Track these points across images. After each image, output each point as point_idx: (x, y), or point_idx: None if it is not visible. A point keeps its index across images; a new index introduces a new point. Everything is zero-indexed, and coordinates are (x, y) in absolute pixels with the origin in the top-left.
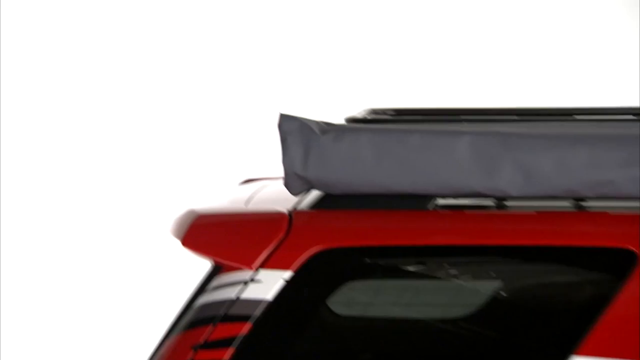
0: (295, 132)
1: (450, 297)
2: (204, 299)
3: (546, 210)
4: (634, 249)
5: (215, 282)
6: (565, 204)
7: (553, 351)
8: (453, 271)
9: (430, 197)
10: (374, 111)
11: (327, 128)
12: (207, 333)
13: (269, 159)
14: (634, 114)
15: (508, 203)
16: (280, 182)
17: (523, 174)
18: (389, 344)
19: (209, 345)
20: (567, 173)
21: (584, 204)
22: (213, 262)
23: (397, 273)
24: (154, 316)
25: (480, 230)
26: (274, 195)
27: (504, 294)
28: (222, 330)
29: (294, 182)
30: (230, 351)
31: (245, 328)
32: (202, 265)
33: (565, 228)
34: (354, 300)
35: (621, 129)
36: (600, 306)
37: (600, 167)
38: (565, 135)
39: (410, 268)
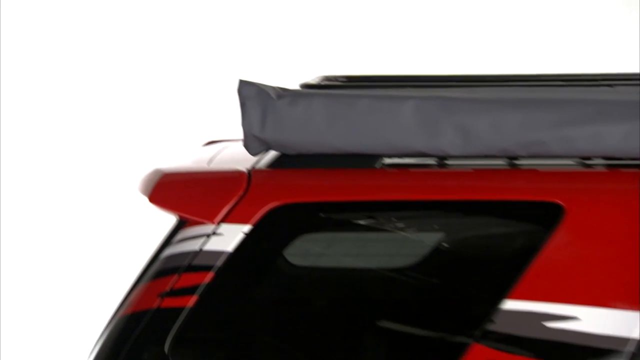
0: (253, 97)
1: (396, 248)
2: (170, 251)
3: (483, 168)
4: (561, 202)
5: (180, 235)
6: (501, 162)
7: (489, 295)
8: (399, 224)
9: (377, 157)
10: (327, 78)
11: (283, 93)
12: (173, 282)
13: (230, 122)
14: (563, 80)
15: (448, 162)
16: (240, 144)
17: (462, 135)
18: (340, 292)
19: (174, 292)
20: (501, 134)
21: (517, 162)
22: (178, 217)
23: (348, 226)
24: (123, 268)
25: (424, 186)
26: (234, 155)
27: (445, 244)
28: (187, 279)
29: (253, 143)
30: (194, 298)
31: (208, 277)
32: (167, 220)
33: (500, 184)
34: (308, 251)
35: (553, 93)
36: (530, 255)
37: (532, 128)
38: (501, 99)
39: (360, 222)
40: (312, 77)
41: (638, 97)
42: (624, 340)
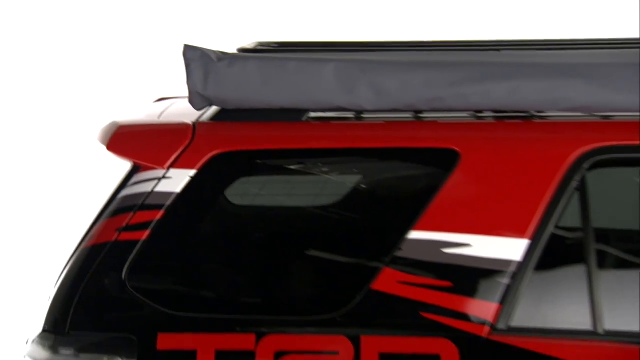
0: (196, 59)
1: (321, 188)
2: (126, 192)
3: (392, 121)
4: (457, 148)
5: (134, 179)
6: (407, 115)
7: (398, 227)
8: (324, 168)
9: (304, 111)
10: (261, 44)
11: (223, 56)
12: (129, 218)
13: (177, 82)
14: (464, 46)
15: (364, 115)
16: (186, 100)
17: (375, 93)
18: (274, 226)
19: (130, 227)
20: (408, 92)
21: (421, 115)
22: (132, 163)
23: (280, 170)
24: (83, 208)
25: (343, 136)
26: (181, 110)
27: (362, 185)
28: (141, 216)
29: (197, 100)
30: (147, 232)
31: (159, 214)
32: (123, 166)
33: (407, 134)
34: (246, 192)
35: (452, 57)
36: (431, 193)
37: (432, 86)
38: (408, 62)
39: (290, 166)
40: (248, 43)
41: (519, 60)
42: (508, 262)
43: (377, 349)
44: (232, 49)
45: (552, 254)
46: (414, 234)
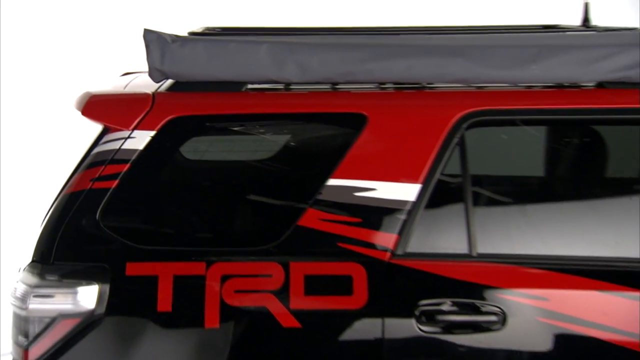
0: (154, 41)
1: (258, 145)
2: (98, 149)
3: (314, 91)
4: (365, 113)
5: (105, 138)
6: (326, 86)
7: (319, 176)
8: (260, 129)
9: (243, 83)
10: (208, 28)
11: (176, 38)
12: (100, 170)
13: (139, 59)
14: (373, 31)
15: (292, 87)
16: (147, 74)
17: (300, 68)
18: (220, 176)
19: (102, 178)
20: (326, 67)
21: (337, 86)
22: (103, 126)
23: (224, 131)
24: (64, 161)
25: (275, 103)
26: (143, 82)
27: (291, 143)
28: (110, 169)
29: (155, 74)
30: (116, 182)
31: (125, 167)
32: (94, 128)
33: (326, 101)
34: (196, 148)
35: (364, 39)
36: (346, 148)
37: (346, 63)
38: (327, 43)
39: (232, 128)
40: (197, 27)
41: (413, 42)
42: (404, 202)
43: (303, 272)
44: (184, 32)
45: (438, 195)
46: (332, 181)
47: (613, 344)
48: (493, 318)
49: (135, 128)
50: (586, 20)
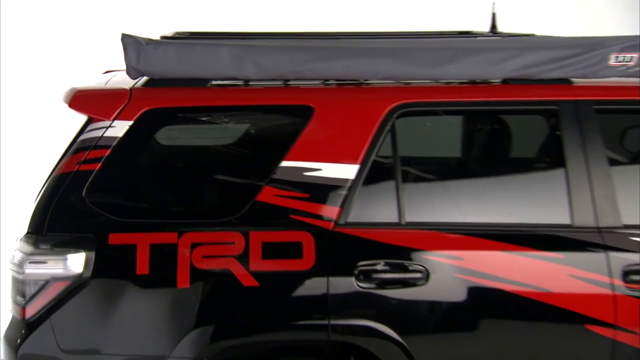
0: (131, 43)
1: (222, 132)
2: (83, 137)
3: (268, 86)
4: (312, 105)
5: (90, 127)
6: (279, 82)
7: (274, 159)
8: (224, 119)
9: (208, 80)
10: (177, 33)
11: (150, 41)
12: (86, 155)
13: (118, 59)
14: (319, 36)
15: (250, 83)
16: (125, 73)
17: (256, 67)
18: (190, 159)
19: (87, 161)
20: (278, 66)
21: (288, 82)
22: (87, 116)
23: (193, 120)
24: (53, 148)
25: (235, 97)
26: (122, 79)
27: (251, 130)
28: (94, 153)
29: (132, 72)
30: (99, 164)
31: (107, 152)
32: (79, 118)
33: (279, 95)
34: (169, 135)
35: (311, 42)
36: (296, 135)
37: (295, 63)
38: (280, 46)
39: (200, 118)
40: (169, 32)
41: (352, 45)
42: (345, 180)
43: (260, 239)
44: (157, 36)
45: (373, 174)
46: (284, 163)
47: (515, 294)
48: (418, 275)
49: (115, 118)
50: (493, 27)
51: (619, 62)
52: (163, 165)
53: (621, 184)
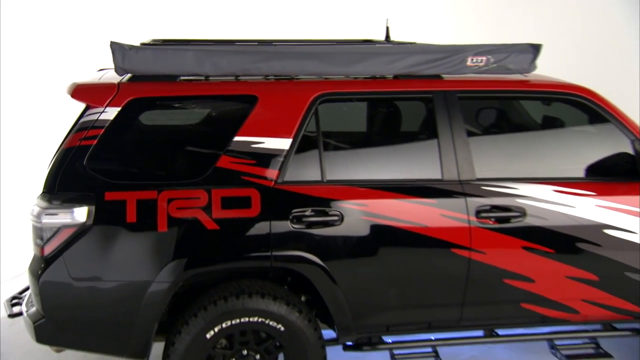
0: (117, 49)
1: (191, 116)
2: (83, 119)
3: (223, 81)
4: (257, 94)
5: (88, 112)
6: (231, 78)
7: (229, 134)
8: (191, 105)
9: (177, 76)
10: (154, 40)
11: (132, 47)
12: (85, 133)
13: (108, 60)
14: (262, 42)
15: (210, 78)
16: (114, 70)
17: (214, 66)
18: (165, 135)
19: (86, 138)
20: (231, 66)
21: (239, 78)
22: (86, 104)
23: (167, 107)
24: (62, 128)
25: (199, 88)
26: (112, 75)
27: (212, 113)
28: (92, 132)
29: (119, 70)
30: (96, 141)
31: (102, 131)
32: (79, 106)
33: (232, 87)
34: (150, 118)
35: (257, 48)
36: (246, 116)
37: (245, 63)
38: (233, 50)
39: (172, 105)
40: (147, 39)
41: (287, 50)
42: (282, 150)
43: (220, 195)
44: (137, 42)
45: (302, 145)
46: (237, 138)
47: (403, 228)
48: (335, 218)
49: (107, 106)
50: (387, 37)
51: (474, 63)
52: (145, 140)
53: (475, 149)
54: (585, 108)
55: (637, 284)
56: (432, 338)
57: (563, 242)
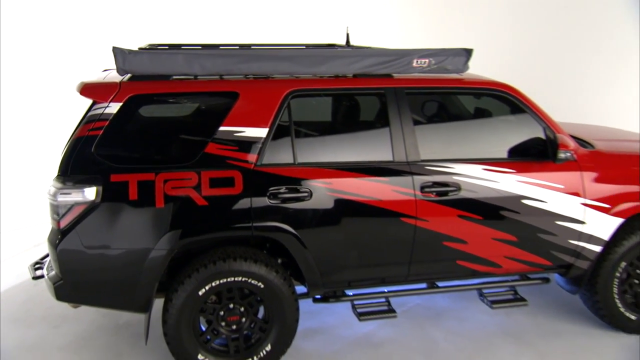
0: (119, 52)
1: (181, 109)
2: (91, 113)
3: (210, 79)
4: (238, 91)
5: (94, 107)
6: (216, 77)
7: (216, 125)
8: (183, 100)
9: (170, 75)
10: (150, 45)
11: (131, 51)
12: (93, 125)
13: (111, 62)
14: (241, 46)
15: (198, 77)
16: (116, 71)
17: (201, 67)
18: (161, 125)
19: (94, 129)
20: (216, 66)
21: (223, 77)
22: (92, 100)
23: (163, 102)
24: (72, 121)
25: (189, 86)
26: (114, 75)
27: (202, 107)
28: (98, 124)
29: (120, 71)
30: (101, 131)
31: (107, 123)
32: (85, 102)
33: (217, 85)
34: (148, 110)
35: (237, 51)
36: (229, 109)
37: (227, 65)
38: (217, 53)
39: (167, 100)
40: (144, 44)
41: (262, 52)
42: (260, 137)
43: (208, 176)
44: (135, 47)
45: (277, 133)
46: (222, 128)
47: (362, 202)
48: (305, 194)
49: (111, 101)
50: (348, 42)
51: (418, 64)
52: (144, 130)
53: (420, 136)
54: (507, 101)
55: (546, 243)
56: (385, 290)
57: (489, 211)
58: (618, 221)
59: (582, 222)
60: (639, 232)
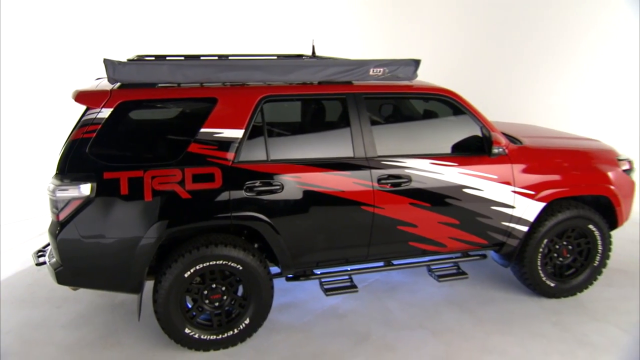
0: (109, 63)
1: (167, 113)
2: (84, 118)
3: (192, 87)
4: (217, 97)
5: (88, 112)
6: (197, 84)
7: (197, 126)
8: (168, 105)
9: (156, 83)
10: (137, 56)
11: (120, 62)
12: (87, 128)
13: (102, 72)
14: (221, 56)
15: (181, 85)
16: (107, 80)
17: (184, 75)
18: (152, 127)
19: (88, 132)
20: (197, 75)
21: (203, 84)
22: (86, 106)
23: (150, 107)
24: (67, 125)
25: (174, 92)
26: (106, 83)
27: (186, 110)
28: (92, 128)
29: (111, 80)
30: (94, 134)
31: (99, 127)
32: (80, 107)
33: (198, 92)
34: (138, 114)
35: (218, 62)
36: (209, 113)
37: (207, 74)
38: (198, 63)
39: (154, 105)
40: (132, 56)
41: (238, 63)
42: (237, 138)
43: (191, 172)
44: (125, 59)
45: (252, 133)
46: (203, 129)
47: (327, 193)
48: (277, 187)
49: (102, 107)
50: (313, 52)
51: (374, 73)
52: (133, 132)
53: (377, 135)
54: (450, 104)
55: (483, 225)
56: (348, 269)
57: (436, 199)
58: (541, 205)
59: (512, 207)
60: (558, 214)
